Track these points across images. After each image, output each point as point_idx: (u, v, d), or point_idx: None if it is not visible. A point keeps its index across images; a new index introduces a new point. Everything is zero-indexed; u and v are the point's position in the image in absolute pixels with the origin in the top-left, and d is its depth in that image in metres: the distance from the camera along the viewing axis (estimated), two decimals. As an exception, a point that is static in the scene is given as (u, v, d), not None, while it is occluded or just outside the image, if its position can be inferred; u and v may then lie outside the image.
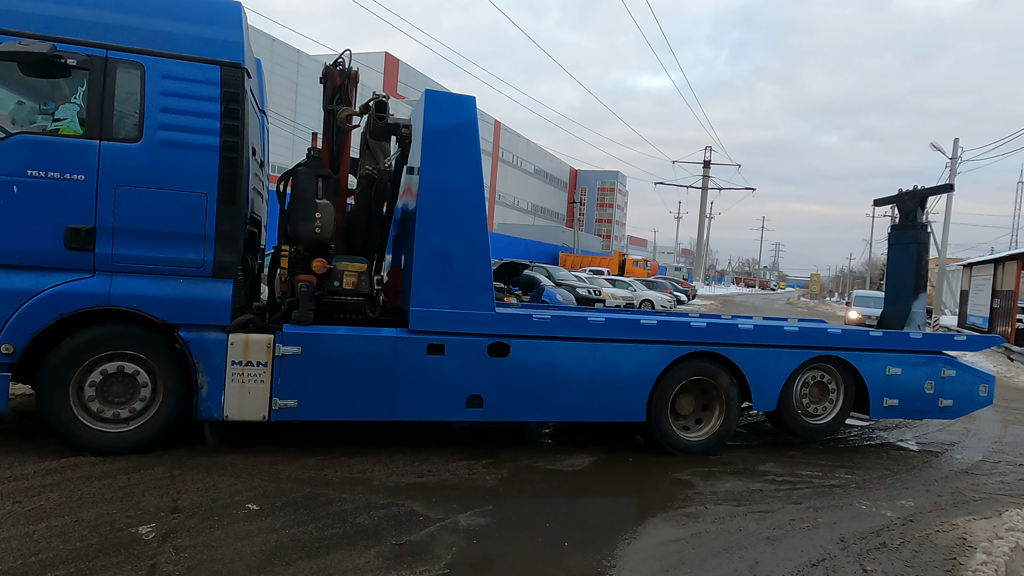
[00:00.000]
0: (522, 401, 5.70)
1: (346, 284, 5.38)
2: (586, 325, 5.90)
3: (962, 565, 4.11)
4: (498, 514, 4.42)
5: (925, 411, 6.94)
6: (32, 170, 4.60)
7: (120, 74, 4.77)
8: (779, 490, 5.38)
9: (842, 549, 4.24)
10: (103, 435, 4.84)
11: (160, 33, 4.85)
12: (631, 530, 4.34)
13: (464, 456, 5.56)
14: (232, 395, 5.00)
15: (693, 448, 6.21)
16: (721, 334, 6.27)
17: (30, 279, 4.64)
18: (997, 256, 25.03)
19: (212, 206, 4.92)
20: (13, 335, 4.58)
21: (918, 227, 7.81)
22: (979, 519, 4.93)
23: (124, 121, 4.80)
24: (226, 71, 4.94)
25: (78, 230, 4.68)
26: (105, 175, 4.72)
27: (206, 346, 4.94)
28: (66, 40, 4.63)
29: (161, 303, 4.86)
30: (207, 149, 4.90)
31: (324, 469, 4.98)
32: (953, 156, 29.69)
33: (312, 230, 5.29)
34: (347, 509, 4.26)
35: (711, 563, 3.91)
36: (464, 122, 5.58)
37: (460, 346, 5.50)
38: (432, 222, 5.45)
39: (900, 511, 5.05)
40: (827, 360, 6.65)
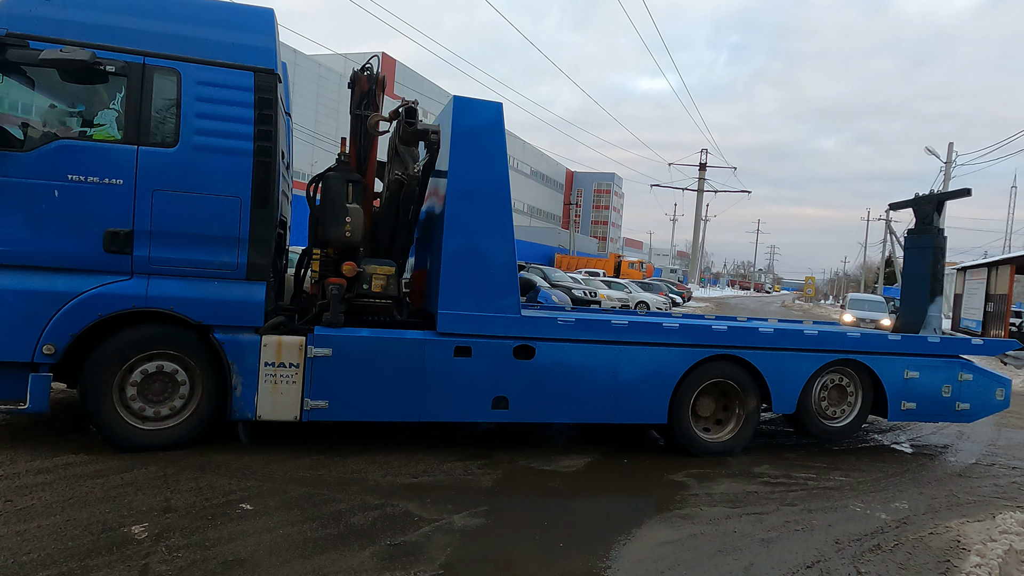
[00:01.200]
0: (547, 403, 5.77)
1: (375, 287, 5.49)
2: (609, 328, 5.98)
3: (956, 567, 4.11)
4: (493, 515, 4.41)
5: (942, 414, 6.99)
6: (72, 175, 4.70)
7: (157, 80, 4.87)
8: (774, 492, 5.38)
9: (837, 551, 4.24)
10: (144, 432, 4.95)
11: (196, 40, 4.96)
12: (626, 531, 4.33)
13: (459, 457, 5.55)
14: (265, 395, 5.08)
15: (714, 449, 6.27)
16: (742, 337, 6.32)
17: (70, 281, 4.73)
18: (991, 260, 25.15)
19: (246, 210, 5.01)
20: (54, 336, 4.66)
21: (934, 231, 7.80)
22: (973, 522, 4.94)
23: (161, 126, 4.90)
24: (260, 77, 5.05)
25: (117, 233, 4.78)
26: (143, 179, 4.82)
27: (240, 347, 5.04)
28: (105, 47, 4.73)
29: (196, 305, 4.95)
30: (241, 154, 5.00)
31: (319, 469, 4.97)
32: (948, 160, 29.84)
33: (342, 234, 5.40)
34: (342, 509, 4.25)
35: (706, 565, 3.91)
36: (491, 127, 5.64)
37: (486, 348, 5.57)
38: (460, 225, 5.52)
39: (894, 513, 5.05)
40: (846, 363, 6.70)
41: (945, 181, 29.78)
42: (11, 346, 4.64)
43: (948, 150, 30.03)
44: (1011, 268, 21.54)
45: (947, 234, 7.88)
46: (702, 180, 54.40)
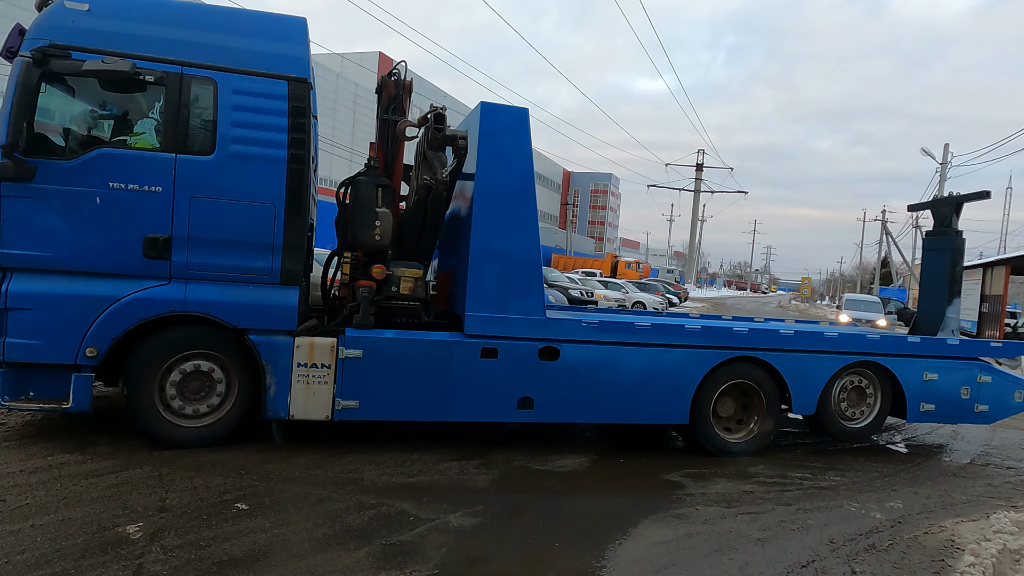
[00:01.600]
0: (571, 403, 5.85)
1: (403, 289, 5.62)
2: (632, 330, 6.07)
3: (950, 567, 4.12)
4: (489, 514, 4.40)
5: (961, 416, 7.02)
6: (113, 182, 4.82)
7: (194, 89, 4.98)
8: (769, 492, 5.39)
9: (832, 551, 4.25)
10: (183, 430, 5.07)
11: (231, 50, 5.07)
12: (622, 531, 4.34)
13: (455, 457, 5.55)
14: (298, 395, 5.20)
15: (734, 450, 6.33)
16: (762, 339, 6.39)
17: (111, 286, 4.86)
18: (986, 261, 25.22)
19: (280, 216, 5.12)
20: (96, 339, 4.79)
21: (953, 233, 7.84)
22: (967, 521, 4.95)
23: (198, 135, 5.02)
24: (293, 86, 5.15)
25: (156, 239, 4.90)
26: (181, 187, 4.93)
27: (274, 349, 5.16)
28: (144, 57, 4.84)
29: (232, 309, 5.07)
30: (276, 161, 5.10)
31: (314, 469, 4.96)
32: (944, 161, 29.93)
33: (372, 237, 5.50)
34: (337, 509, 4.24)
35: (701, 564, 3.92)
36: (517, 132, 5.74)
37: (512, 350, 5.66)
38: (486, 228, 5.61)
39: (889, 513, 5.07)
40: (865, 365, 6.75)
41: (941, 182, 29.88)
42: (55, 348, 4.76)
43: (944, 151, 30.14)
44: (1006, 269, 21.63)
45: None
46: (699, 181, 54.49)
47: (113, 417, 5.83)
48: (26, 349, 4.72)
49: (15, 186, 4.67)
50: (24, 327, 4.71)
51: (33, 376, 4.79)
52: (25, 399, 4.80)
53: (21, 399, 4.79)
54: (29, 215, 4.72)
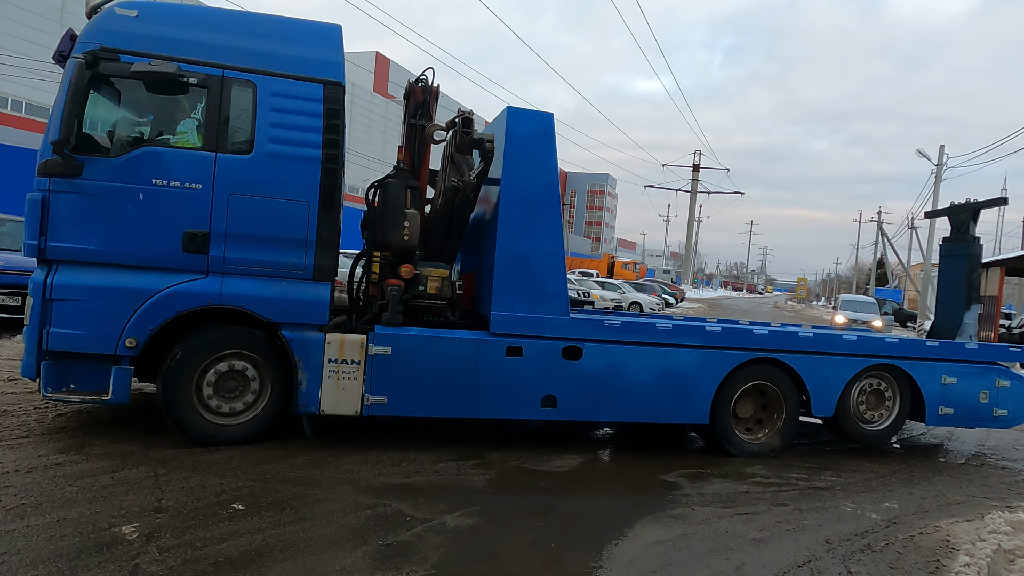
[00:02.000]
0: (593, 402, 5.96)
1: (430, 288, 5.77)
2: (654, 331, 6.19)
3: (945, 567, 4.14)
4: (485, 515, 4.40)
5: (980, 420, 7.10)
6: (156, 179, 5.00)
7: (235, 92, 5.18)
8: (765, 492, 5.40)
9: (828, 551, 4.26)
10: (219, 427, 5.22)
11: (270, 54, 5.27)
12: (618, 531, 4.34)
13: (452, 457, 5.55)
14: (328, 391, 5.35)
15: (754, 450, 6.42)
16: (782, 341, 6.47)
17: (151, 279, 5.03)
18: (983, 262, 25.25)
19: (314, 214, 5.28)
20: (136, 330, 4.95)
21: (970, 239, 7.91)
22: (962, 521, 4.97)
23: (237, 135, 5.21)
24: (328, 89, 5.33)
25: (195, 234, 5.07)
26: (220, 184, 5.11)
27: (306, 345, 5.30)
28: (188, 60, 5.06)
29: (267, 303, 5.21)
30: (311, 161, 5.27)
31: (311, 469, 4.95)
32: (939, 163, 30.03)
33: (401, 238, 5.65)
34: (334, 509, 4.24)
35: (698, 564, 3.92)
36: (543, 136, 5.90)
37: (537, 349, 5.80)
38: (512, 230, 5.77)
39: (885, 513, 5.08)
40: (884, 368, 6.83)
41: (936, 184, 29.98)
42: (97, 339, 4.91)
43: (939, 153, 30.24)
44: (1001, 270, 21.72)
45: (936, 236, 7.98)
46: (695, 181, 54.55)
47: (109, 418, 5.81)
48: (69, 339, 4.87)
49: (63, 182, 4.85)
50: (67, 318, 4.86)
51: (74, 368, 4.96)
52: (66, 391, 4.97)
53: (62, 390, 4.95)
54: (75, 210, 4.90)
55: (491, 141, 5.85)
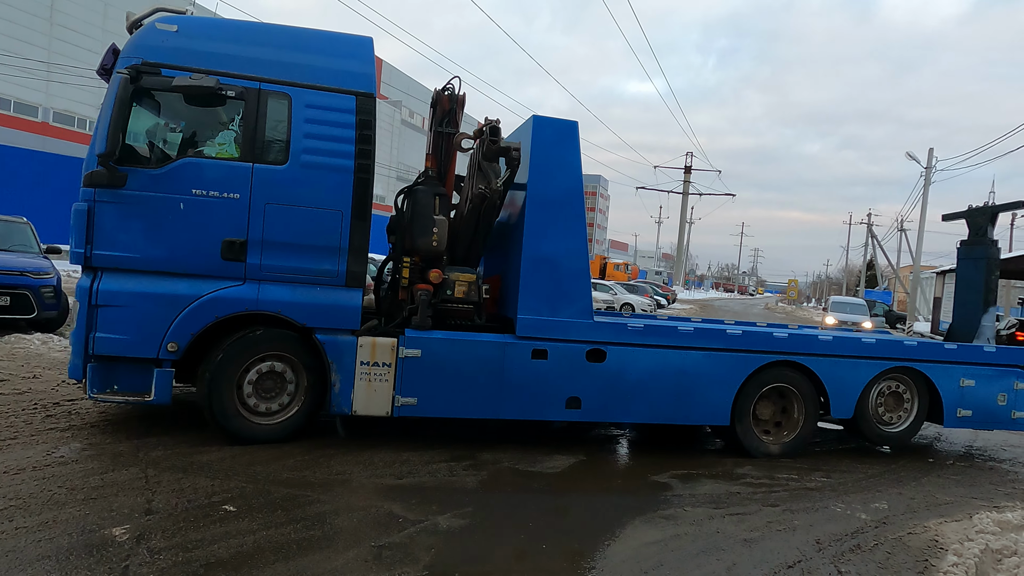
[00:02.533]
0: (617, 404, 6.08)
1: (457, 293, 5.90)
2: (676, 334, 6.30)
3: (934, 567, 4.17)
4: (478, 516, 4.41)
5: (998, 423, 7.15)
6: (196, 189, 5.18)
7: (271, 104, 5.33)
8: (756, 493, 5.43)
9: (818, 551, 4.29)
10: (257, 427, 5.39)
11: (304, 67, 5.42)
12: (610, 532, 4.35)
13: (444, 458, 5.54)
14: (360, 392, 5.52)
15: (774, 452, 6.51)
16: (802, 344, 6.57)
17: (191, 285, 5.20)
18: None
19: (347, 222, 5.45)
20: (178, 335, 5.13)
21: (988, 243, 7.93)
22: (950, 522, 5.01)
23: (273, 146, 5.36)
24: (360, 101, 5.49)
25: (233, 242, 5.24)
26: (257, 194, 5.27)
27: (339, 348, 5.47)
28: (226, 74, 5.22)
29: (301, 309, 5.38)
30: (344, 171, 5.43)
31: (303, 470, 4.94)
32: (928, 166, 30.27)
33: (430, 243, 5.78)
34: (326, 511, 4.23)
35: (689, 565, 3.94)
36: (568, 143, 6.02)
37: (561, 351, 5.91)
38: (538, 235, 5.90)
39: (874, 514, 5.12)
40: (902, 371, 6.89)
41: (925, 187, 30.21)
42: (140, 344, 5.10)
43: (929, 156, 30.48)
44: (989, 272, 21.82)
45: (925, 238, 8.02)
46: (687, 183, 54.70)
47: (98, 419, 5.78)
48: (114, 343, 5.06)
49: (107, 192, 5.03)
50: (112, 323, 5.05)
51: (118, 370, 5.15)
52: (110, 392, 5.15)
53: (107, 392, 5.14)
54: (119, 219, 5.08)
55: (518, 149, 5.95)
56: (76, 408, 5.97)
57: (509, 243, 6.33)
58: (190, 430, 5.60)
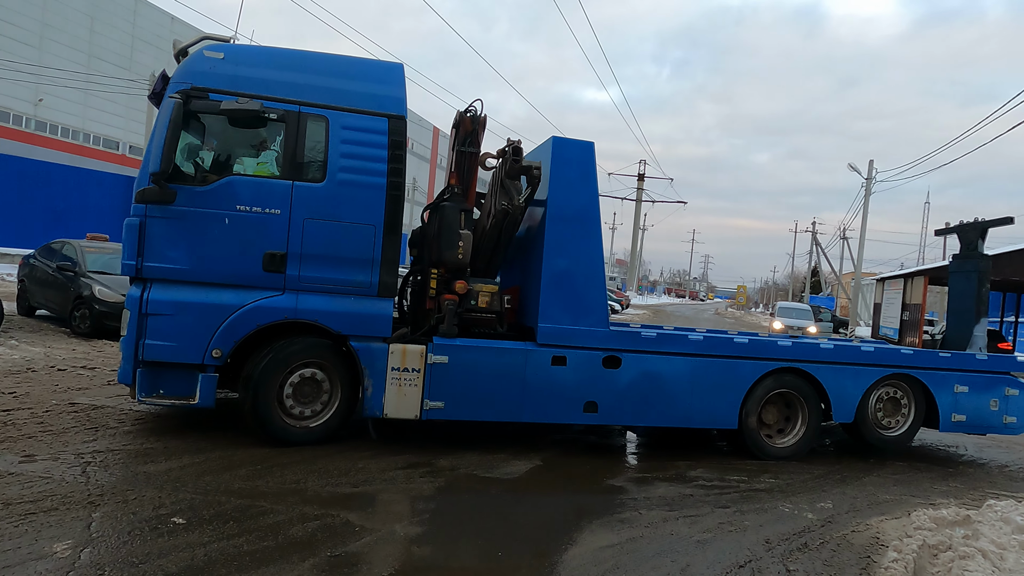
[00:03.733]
0: (631, 408, 6.40)
1: (481, 303, 6.17)
2: (687, 342, 6.66)
3: (875, 563, 4.35)
4: (436, 523, 4.39)
5: (990, 427, 7.48)
6: (240, 205, 5.49)
7: (310, 126, 5.65)
8: (708, 495, 5.56)
9: (767, 550, 4.42)
10: (295, 430, 5.66)
11: (341, 91, 5.76)
12: (568, 536, 4.39)
13: (400, 465, 5.50)
14: (391, 396, 5.80)
15: (780, 454, 6.87)
16: (805, 352, 6.92)
17: (234, 295, 5.51)
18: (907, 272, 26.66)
19: (379, 236, 5.76)
20: (222, 342, 5.42)
21: (979, 256, 8.29)
22: (890, 519, 5.23)
23: (312, 165, 5.68)
24: (393, 122, 5.80)
25: (274, 255, 5.55)
26: (296, 210, 5.59)
27: (372, 354, 5.76)
28: (269, 98, 5.53)
29: (337, 317, 5.68)
30: (377, 188, 5.73)
31: (255, 480, 4.83)
32: (868, 177, 31.51)
33: (456, 256, 6.08)
34: (280, 521, 4.14)
35: (645, 567, 4.00)
36: (585, 163, 6.40)
37: (580, 358, 6.22)
38: (558, 249, 6.24)
39: (820, 513, 5.30)
40: (900, 377, 7.24)
41: (866, 197, 31.46)
42: (187, 349, 5.38)
43: (869, 167, 31.75)
44: (924, 279, 22.91)
45: (867, 246, 8.39)
46: (640, 191, 55.54)
47: (39, 430, 5.53)
48: (161, 350, 5.33)
49: (158, 208, 5.36)
50: (160, 331, 5.34)
51: (164, 376, 5.41)
52: (156, 396, 5.42)
53: (153, 396, 5.41)
54: (168, 233, 5.39)
55: (539, 168, 6.26)
56: (12, 419, 5.71)
57: (528, 256, 6.67)
58: (135, 440, 5.42)
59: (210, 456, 5.24)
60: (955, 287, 8.68)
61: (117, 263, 11.33)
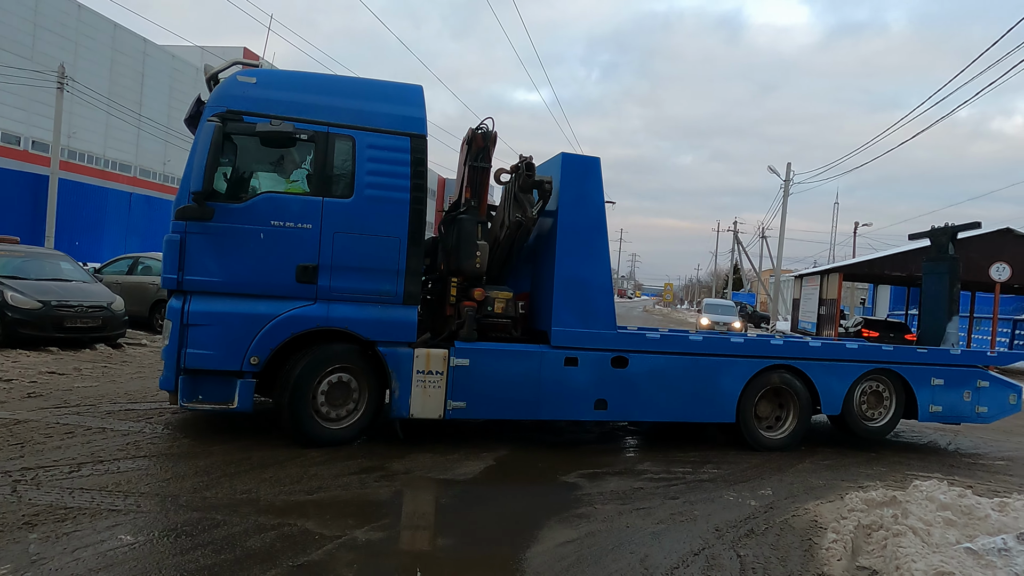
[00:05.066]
0: (638, 405, 6.85)
1: (497, 309, 6.57)
2: (688, 343, 7.19)
3: (816, 544, 4.62)
4: (396, 527, 4.36)
5: (964, 417, 8.02)
6: (274, 221, 5.78)
7: (337, 145, 5.97)
8: (658, 487, 5.74)
9: (718, 538, 4.62)
10: (327, 431, 5.96)
11: (366, 112, 6.07)
12: (528, 534, 4.45)
13: (354, 470, 5.42)
14: (417, 397, 6.13)
15: (774, 445, 7.36)
16: (796, 350, 7.49)
17: (269, 305, 5.81)
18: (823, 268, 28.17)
19: (403, 247, 6.07)
20: (259, 349, 5.71)
21: (950, 258, 8.86)
22: (826, 503, 5.54)
23: (340, 182, 5.99)
24: (414, 141, 6.13)
25: (306, 267, 5.86)
26: (327, 224, 5.89)
27: (398, 358, 6.08)
28: (299, 120, 5.85)
29: (366, 324, 6.00)
30: (401, 203, 6.06)
31: (203, 491, 4.65)
32: (786, 179, 33.12)
33: (474, 265, 6.41)
34: (235, 532, 4.01)
35: (606, 560, 4.11)
36: (593, 177, 6.79)
37: (590, 359, 6.63)
38: (568, 257, 6.63)
39: (762, 500, 5.57)
40: (882, 372, 7.77)
41: (784, 197, 33.06)
42: (226, 357, 5.66)
43: (786, 169, 33.38)
44: (839, 276, 24.30)
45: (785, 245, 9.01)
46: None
47: (-46, 447, 5.13)
48: (203, 358, 5.61)
49: (197, 224, 5.64)
50: (201, 340, 5.61)
51: (203, 382, 5.69)
52: (196, 402, 5.67)
53: (194, 401, 5.67)
54: (207, 248, 5.68)
55: (550, 182, 6.70)
56: None
57: (539, 263, 7.10)
58: (67, 454, 5.13)
59: (150, 469, 5.00)
60: (928, 287, 9.34)
61: (31, 267, 10.92)
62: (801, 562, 4.31)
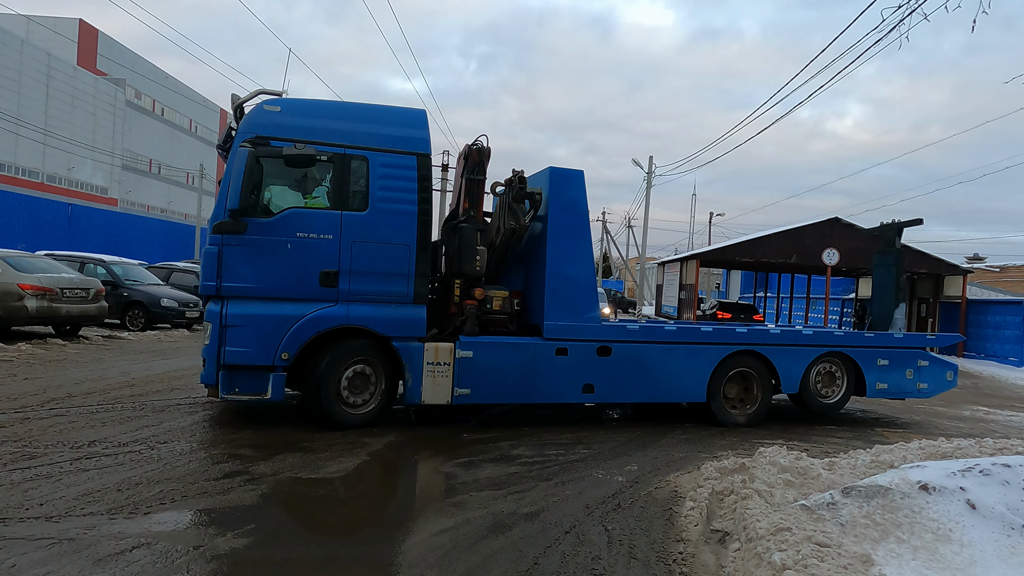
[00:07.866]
0: (621, 388, 7.76)
1: (495, 306, 7.41)
2: (663, 332, 8.10)
3: (676, 512, 4.93)
4: (262, 532, 4.15)
5: (907, 393, 9.06)
6: (300, 232, 6.58)
7: (353, 165, 6.77)
8: (531, 471, 5.88)
9: (588, 515, 4.81)
10: (348, 415, 6.77)
11: (377, 135, 6.87)
12: (403, 526, 4.40)
13: (213, 475, 5.10)
14: (428, 386, 6.96)
15: (741, 422, 8.26)
16: (758, 337, 8.43)
17: (296, 307, 6.59)
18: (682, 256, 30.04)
19: (413, 253, 6.89)
20: (289, 346, 6.49)
21: (897, 252, 9.91)
22: (685, 474, 5.94)
23: (356, 197, 6.79)
24: (420, 159, 6.95)
25: (328, 273, 6.66)
26: (345, 234, 6.69)
27: (410, 352, 6.90)
28: (319, 143, 6.61)
29: (382, 322, 6.81)
30: (410, 214, 6.87)
31: (37, 506, 4.17)
32: (649, 171, 34.94)
33: (475, 268, 7.21)
34: (79, 551, 3.63)
35: (481, 545, 4.14)
36: (577, 187, 7.71)
37: (578, 349, 7.53)
38: (558, 259, 7.50)
39: (628, 475, 5.86)
40: (834, 355, 8.77)
41: (647, 189, 34.87)
42: (260, 353, 6.42)
43: (649, 163, 35.20)
44: (696, 262, 26.03)
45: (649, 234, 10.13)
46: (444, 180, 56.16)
47: None
48: (240, 355, 6.38)
49: (232, 237, 6.41)
50: (238, 339, 6.37)
51: (239, 376, 6.43)
52: (234, 394, 6.43)
53: (232, 394, 6.42)
54: (241, 258, 6.45)
55: (539, 193, 7.67)
56: None
57: (530, 265, 7.92)
58: None
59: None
60: (877, 278, 10.39)
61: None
62: (663, 531, 4.59)
